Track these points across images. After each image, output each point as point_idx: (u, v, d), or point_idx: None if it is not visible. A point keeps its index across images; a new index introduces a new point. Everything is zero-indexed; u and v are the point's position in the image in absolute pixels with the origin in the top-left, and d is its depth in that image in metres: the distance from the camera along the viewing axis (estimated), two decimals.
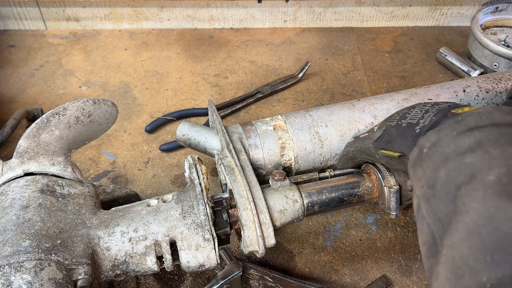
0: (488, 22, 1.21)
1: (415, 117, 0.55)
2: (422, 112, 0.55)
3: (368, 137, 0.63)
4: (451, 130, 0.44)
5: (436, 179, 0.43)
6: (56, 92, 1.14)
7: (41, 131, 0.59)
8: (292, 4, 1.33)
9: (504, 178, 0.36)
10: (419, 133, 0.51)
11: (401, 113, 0.59)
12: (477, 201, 0.36)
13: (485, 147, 0.40)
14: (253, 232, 0.58)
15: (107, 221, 0.58)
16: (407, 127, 0.55)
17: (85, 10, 1.33)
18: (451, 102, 0.55)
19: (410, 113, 0.57)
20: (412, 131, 0.53)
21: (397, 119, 0.58)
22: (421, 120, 0.53)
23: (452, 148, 0.43)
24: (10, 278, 0.48)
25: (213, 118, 0.78)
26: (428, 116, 0.53)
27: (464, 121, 0.44)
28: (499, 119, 0.42)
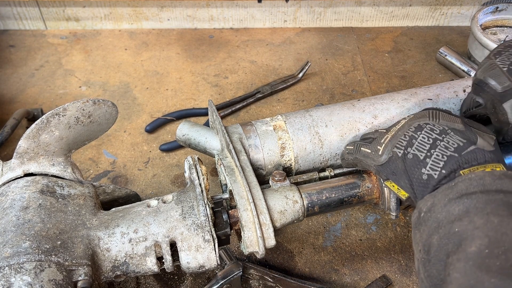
0: (488, 22, 1.21)
1: (422, 147, 0.53)
2: (430, 141, 0.53)
3: (371, 156, 0.59)
4: (444, 196, 0.47)
5: (430, 245, 0.45)
6: (56, 92, 1.14)
7: (41, 131, 0.59)
8: (292, 4, 1.33)
9: (484, 250, 0.38)
10: (426, 181, 0.51)
11: (407, 136, 0.55)
12: (459, 272, 0.38)
13: (471, 215, 0.42)
14: (253, 233, 0.58)
15: (107, 222, 0.58)
16: (413, 162, 0.53)
17: (85, 10, 1.33)
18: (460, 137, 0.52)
19: (417, 137, 0.54)
20: (419, 174, 0.52)
21: (404, 146, 0.54)
22: (428, 160, 0.51)
23: (444, 215, 0.45)
24: (10, 280, 0.48)
25: (213, 118, 0.78)
26: (438, 163, 0.51)
27: (456, 187, 0.46)
28: (489, 185, 0.45)
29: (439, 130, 0.54)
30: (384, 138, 0.59)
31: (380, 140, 0.59)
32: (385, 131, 0.61)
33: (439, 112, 0.57)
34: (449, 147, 0.51)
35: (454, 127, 0.54)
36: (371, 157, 0.59)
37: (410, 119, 0.58)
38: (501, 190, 0.44)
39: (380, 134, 0.61)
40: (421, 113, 0.58)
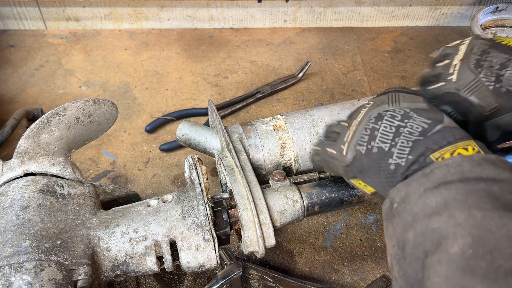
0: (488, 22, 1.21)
1: (385, 138, 0.49)
2: (393, 130, 0.49)
3: (336, 157, 0.55)
4: (419, 185, 0.42)
5: (405, 241, 0.41)
6: (56, 92, 1.14)
7: (41, 131, 0.59)
8: (292, 4, 1.33)
9: (468, 250, 0.34)
10: (394, 171, 0.47)
11: (368, 129, 0.51)
12: (441, 276, 0.35)
13: (451, 210, 0.38)
14: (253, 233, 0.58)
15: (107, 221, 0.58)
16: (378, 156, 0.49)
17: (85, 10, 1.33)
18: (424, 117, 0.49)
19: (378, 128, 0.50)
20: (386, 165, 0.48)
21: (366, 141, 0.51)
22: (394, 150, 0.48)
23: (419, 208, 0.41)
24: (10, 279, 0.48)
25: (213, 118, 0.78)
26: (404, 149, 0.47)
27: (432, 175, 0.42)
28: (468, 172, 0.41)
29: (401, 115, 0.50)
30: (347, 135, 0.54)
31: (343, 137, 0.54)
32: (347, 125, 0.56)
33: (398, 94, 0.53)
34: (413, 132, 0.48)
35: (416, 107, 0.50)
36: (337, 158, 0.55)
37: (370, 107, 0.54)
38: (482, 177, 0.40)
39: (342, 128, 0.56)
40: (380, 99, 0.54)
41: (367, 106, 0.54)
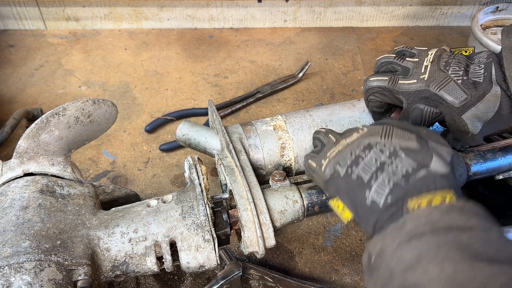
0: (488, 22, 1.21)
1: (368, 169, 0.49)
2: (378, 164, 0.49)
3: (316, 171, 0.56)
4: (393, 239, 0.44)
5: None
6: (55, 92, 1.14)
7: (40, 131, 0.59)
8: (292, 4, 1.33)
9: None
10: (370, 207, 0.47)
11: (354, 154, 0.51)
12: None
13: (424, 264, 0.39)
14: (253, 233, 0.58)
15: (107, 221, 0.58)
16: (356, 184, 0.49)
17: (85, 10, 1.33)
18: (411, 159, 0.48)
19: (364, 157, 0.50)
20: (362, 197, 0.48)
21: (348, 164, 0.51)
22: (373, 183, 0.48)
23: (395, 262, 0.42)
24: (10, 279, 0.48)
25: (213, 118, 0.78)
26: (384, 188, 0.47)
27: (404, 228, 0.44)
28: (437, 222, 0.42)
29: (389, 152, 0.49)
30: (331, 151, 0.54)
31: (327, 152, 0.55)
32: (334, 140, 0.56)
33: (393, 128, 0.52)
34: (397, 173, 0.48)
35: (407, 146, 0.50)
36: (316, 171, 0.55)
37: (362, 134, 0.53)
38: (451, 227, 0.41)
39: (329, 141, 0.57)
40: (374, 129, 0.53)
41: (360, 131, 0.54)
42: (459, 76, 0.60)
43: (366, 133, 0.53)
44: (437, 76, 0.62)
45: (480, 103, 0.58)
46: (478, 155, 0.66)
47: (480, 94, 0.58)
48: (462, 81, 0.60)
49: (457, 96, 0.59)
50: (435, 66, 0.63)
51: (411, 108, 0.63)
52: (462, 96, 0.59)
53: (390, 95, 0.66)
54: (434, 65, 0.63)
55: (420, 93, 0.62)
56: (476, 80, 0.59)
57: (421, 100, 0.62)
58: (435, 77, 0.62)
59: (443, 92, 0.60)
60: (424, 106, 0.62)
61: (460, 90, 0.59)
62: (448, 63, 0.62)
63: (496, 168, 0.67)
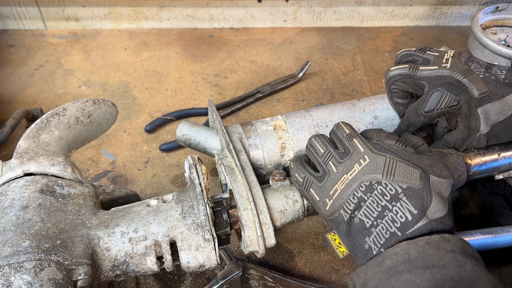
0: (488, 22, 1.20)
1: (370, 214, 0.50)
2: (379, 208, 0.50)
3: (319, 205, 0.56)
4: (374, 275, 0.47)
5: None
6: (55, 92, 1.14)
7: (40, 131, 0.59)
8: (292, 4, 1.33)
9: None
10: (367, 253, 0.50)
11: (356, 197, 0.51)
12: None
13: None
14: (253, 232, 0.58)
15: (107, 221, 0.58)
16: (358, 229, 0.51)
17: (84, 10, 1.33)
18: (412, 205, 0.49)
19: (366, 200, 0.51)
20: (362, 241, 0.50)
21: (351, 209, 0.51)
22: (373, 230, 0.49)
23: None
24: (10, 279, 0.47)
25: (213, 118, 0.78)
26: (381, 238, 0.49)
27: (383, 264, 0.47)
28: (415, 260, 0.45)
29: (390, 196, 0.50)
30: (334, 188, 0.53)
31: (330, 189, 0.54)
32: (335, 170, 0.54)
33: (396, 162, 0.51)
34: (395, 221, 0.49)
35: (410, 185, 0.50)
36: (318, 206, 0.56)
37: (364, 168, 0.52)
38: (426, 265, 0.44)
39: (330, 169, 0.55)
40: (377, 162, 0.52)
41: (362, 162, 0.53)
42: (481, 71, 0.61)
43: (368, 167, 0.52)
44: (460, 66, 0.63)
45: (498, 102, 0.59)
46: (478, 154, 0.66)
47: (500, 93, 0.59)
48: (484, 76, 0.61)
49: (478, 87, 0.60)
50: (457, 59, 0.64)
51: (431, 92, 0.64)
52: (483, 89, 0.60)
53: (411, 82, 0.66)
54: (456, 59, 0.64)
55: (443, 78, 0.63)
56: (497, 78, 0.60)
57: (443, 85, 0.63)
58: (458, 67, 0.63)
59: (467, 80, 0.61)
60: (445, 91, 0.63)
61: (482, 83, 0.60)
62: (469, 60, 0.63)
63: (496, 167, 0.67)
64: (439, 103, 0.64)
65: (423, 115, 0.65)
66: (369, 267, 0.48)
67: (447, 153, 0.62)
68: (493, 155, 0.66)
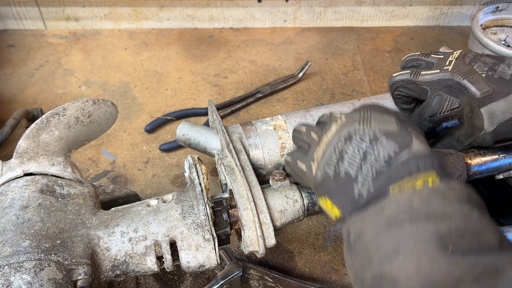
0: (488, 22, 1.21)
1: (353, 162, 0.49)
2: (361, 154, 0.49)
3: (307, 175, 0.55)
4: (372, 224, 0.44)
5: (363, 279, 0.43)
6: (55, 92, 1.14)
7: (40, 131, 0.59)
8: (292, 4, 1.33)
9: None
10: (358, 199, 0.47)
11: (338, 150, 0.51)
12: None
13: (401, 258, 0.40)
14: (253, 232, 0.58)
15: (107, 221, 0.58)
16: (346, 181, 0.49)
17: (84, 10, 1.33)
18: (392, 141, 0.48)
19: (347, 150, 0.50)
20: (351, 191, 0.48)
21: (335, 162, 0.50)
22: (359, 176, 0.48)
23: (373, 249, 0.42)
24: (10, 279, 0.47)
25: (213, 118, 0.78)
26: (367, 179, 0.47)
27: (383, 214, 0.43)
28: (417, 209, 0.42)
29: (369, 139, 0.49)
30: (316, 151, 0.54)
31: (313, 153, 0.54)
32: (317, 139, 0.55)
33: (370, 112, 0.52)
34: (378, 160, 0.47)
35: (387, 129, 0.49)
36: (307, 175, 0.55)
37: (341, 125, 0.53)
38: (430, 215, 0.41)
39: (312, 141, 0.56)
40: (352, 117, 0.53)
41: (339, 121, 0.53)
42: (483, 71, 0.61)
43: (345, 123, 0.53)
44: (462, 68, 0.63)
45: (502, 100, 0.58)
46: (478, 154, 0.66)
47: (504, 91, 0.58)
48: (486, 76, 0.60)
49: (480, 87, 0.60)
50: (460, 61, 0.64)
51: (433, 96, 0.64)
52: (485, 88, 0.59)
53: (415, 87, 0.66)
54: (459, 60, 0.64)
55: (443, 82, 0.63)
56: (502, 77, 0.60)
57: (443, 88, 0.63)
58: (460, 69, 0.62)
59: (467, 82, 0.61)
60: (445, 95, 0.63)
61: (484, 82, 0.60)
62: (473, 60, 0.63)
63: (496, 167, 0.67)
64: (441, 107, 0.64)
65: (427, 120, 0.65)
66: (367, 215, 0.45)
67: (447, 153, 0.62)
68: (493, 155, 0.66)
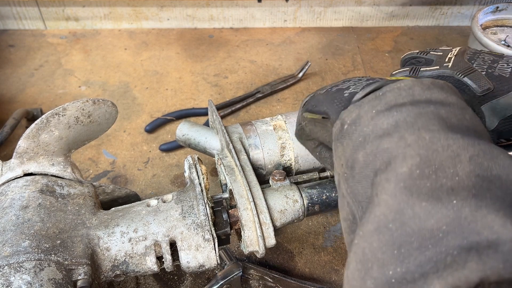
0: (488, 22, 1.20)
1: (347, 84, 0.51)
2: (356, 81, 0.51)
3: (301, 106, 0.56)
4: (371, 107, 0.43)
5: (354, 161, 0.42)
6: (55, 92, 1.14)
7: (40, 131, 0.59)
8: (292, 4, 1.33)
9: (416, 171, 0.36)
10: (348, 97, 0.47)
11: (334, 83, 0.53)
12: (388, 194, 0.36)
13: (401, 131, 0.39)
14: (253, 232, 0.58)
15: (106, 221, 0.58)
16: (336, 92, 0.50)
17: (84, 10, 1.33)
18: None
19: (344, 83, 0.52)
20: (340, 95, 0.49)
21: (327, 88, 0.53)
22: (352, 86, 0.49)
23: (370, 129, 0.41)
24: (9, 279, 0.47)
25: (213, 118, 0.78)
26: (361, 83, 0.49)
27: (384, 98, 0.43)
28: (419, 95, 0.42)
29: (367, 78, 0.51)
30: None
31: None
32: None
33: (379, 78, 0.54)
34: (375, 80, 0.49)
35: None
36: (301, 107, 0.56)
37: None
38: (431, 100, 0.41)
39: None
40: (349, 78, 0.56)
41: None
42: (483, 68, 0.61)
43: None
44: (462, 65, 0.63)
45: (502, 97, 0.59)
46: None
47: (504, 89, 0.59)
48: (486, 73, 0.61)
49: (480, 84, 0.60)
50: (460, 58, 0.64)
51: None
52: (485, 85, 0.59)
53: None
54: (459, 57, 0.64)
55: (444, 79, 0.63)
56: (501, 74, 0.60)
57: None
58: (460, 66, 0.63)
59: (467, 79, 0.61)
60: None
61: (484, 80, 0.60)
62: (472, 58, 0.63)
63: None
64: None
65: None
66: (365, 101, 0.44)
67: None
68: None
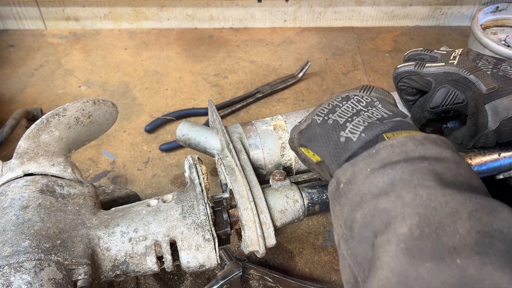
0: (488, 22, 1.21)
1: (344, 115, 0.49)
2: (354, 111, 0.49)
3: (295, 128, 0.55)
4: (365, 166, 0.43)
5: (353, 221, 0.41)
6: (55, 92, 1.14)
7: (41, 132, 0.59)
8: (292, 4, 1.33)
9: (416, 230, 0.35)
10: (344, 144, 0.47)
11: (331, 104, 0.52)
12: (390, 256, 0.36)
13: (397, 189, 0.39)
14: (253, 232, 0.58)
15: (107, 221, 0.58)
16: (332, 126, 0.49)
17: (84, 10, 1.33)
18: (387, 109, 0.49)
19: (341, 106, 0.51)
20: (336, 137, 0.48)
21: (325, 113, 0.51)
22: (348, 124, 0.48)
23: (367, 188, 0.41)
24: (10, 279, 0.47)
25: (213, 118, 0.78)
26: (358, 127, 0.47)
27: (377, 156, 0.42)
28: (412, 151, 0.42)
29: (366, 102, 0.50)
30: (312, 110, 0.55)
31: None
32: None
33: (373, 86, 0.53)
34: (372, 117, 0.48)
35: (384, 98, 0.51)
36: (295, 128, 0.54)
37: (341, 91, 0.54)
38: (424, 156, 0.41)
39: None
40: (355, 87, 0.54)
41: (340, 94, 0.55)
42: (488, 68, 0.62)
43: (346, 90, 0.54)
44: (467, 63, 0.63)
45: (506, 98, 0.59)
46: (478, 154, 0.66)
47: (509, 89, 0.59)
48: (491, 73, 0.61)
49: (486, 83, 0.60)
50: (464, 57, 0.64)
51: (437, 88, 0.65)
52: (491, 84, 0.60)
53: (418, 79, 0.67)
54: (463, 56, 0.65)
55: (449, 75, 0.64)
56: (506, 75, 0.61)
57: (449, 82, 0.64)
58: (466, 64, 0.63)
59: (473, 77, 0.61)
60: (451, 88, 0.63)
61: (490, 78, 0.60)
62: (476, 58, 0.64)
63: (496, 167, 0.67)
64: (444, 99, 0.65)
65: (428, 111, 0.67)
66: (359, 160, 0.44)
67: None
68: (493, 155, 0.66)
